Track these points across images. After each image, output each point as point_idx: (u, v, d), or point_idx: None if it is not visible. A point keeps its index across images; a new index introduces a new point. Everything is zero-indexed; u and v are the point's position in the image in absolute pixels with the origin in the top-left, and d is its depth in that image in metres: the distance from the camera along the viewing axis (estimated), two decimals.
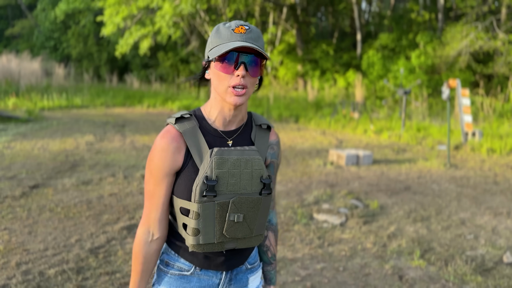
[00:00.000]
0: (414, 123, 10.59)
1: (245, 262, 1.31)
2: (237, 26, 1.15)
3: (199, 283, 1.25)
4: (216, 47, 1.15)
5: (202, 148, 1.18)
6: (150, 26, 18.55)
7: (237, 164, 1.16)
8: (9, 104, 14.16)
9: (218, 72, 1.15)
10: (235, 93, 1.14)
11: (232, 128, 1.24)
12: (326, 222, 4.07)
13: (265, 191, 1.19)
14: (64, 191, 4.81)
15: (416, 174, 6.11)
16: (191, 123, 1.20)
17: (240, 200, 1.16)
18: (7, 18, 39.88)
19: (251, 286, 1.33)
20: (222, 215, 1.15)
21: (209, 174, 1.14)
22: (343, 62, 19.70)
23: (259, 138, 1.27)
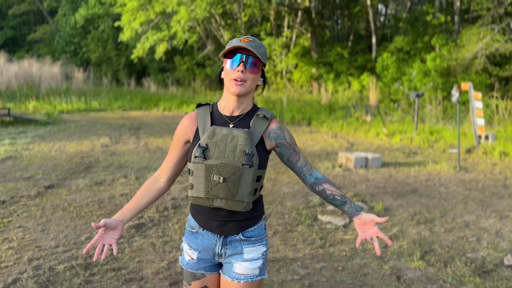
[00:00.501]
0: (427, 126, 10.53)
1: (238, 233, 1.58)
2: (243, 38, 1.51)
3: (202, 240, 1.60)
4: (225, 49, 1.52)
5: (206, 125, 1.55)
6: (166, 31, 18.87)
7: (224, 138, 1.49)
8: (30, 107, 14.59)
9: (225, 68, 1.53)
10: (235, 83, 1.49)
11: (235, 114, 1.57)
12: (330, 224, 4.13)
13: (246, 162, 1.47)
14: (78, 191, 4.99)
15: (424, 177, 6.11)
16: (205, 109, 1.61)
17: (222, 165, 1.47)
18: (29, 24, 41.03)
19: (246, 256, 1.59)
20: (208, 175, 1.48)
21: (201, 142, 1.50)
22: (358, 65, 19.65)
23: (255, 125, 1.56)
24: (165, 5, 17.68)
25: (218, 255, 1.59)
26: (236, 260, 1.58)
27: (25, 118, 11.20)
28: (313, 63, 20.41)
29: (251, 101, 1.61)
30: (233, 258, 1.59)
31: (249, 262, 1.58)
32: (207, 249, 1.59)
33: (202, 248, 1.59)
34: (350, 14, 25.68)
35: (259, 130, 1.56)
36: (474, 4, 14.96)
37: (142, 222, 3.98)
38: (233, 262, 1.59)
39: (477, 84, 13.47)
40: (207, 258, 1.61)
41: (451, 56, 14.49)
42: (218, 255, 1.59)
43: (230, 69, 1.52)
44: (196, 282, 1.64)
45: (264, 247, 1.64)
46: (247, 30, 23.66)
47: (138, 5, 18.50)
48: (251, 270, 1.59)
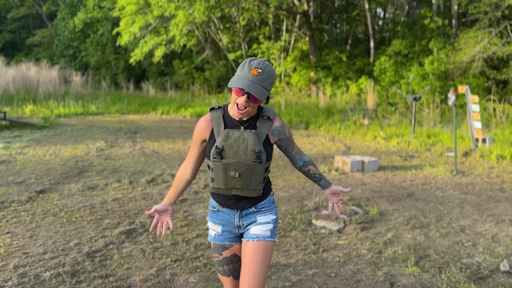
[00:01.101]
0: (424, 130, 10.49)
1: (251, 207, 1.93)
2: (254, 68, 1.72)
3: (223, 215, 1.95)
4: (236, 77, 1.74)
5: (220, 128, 1.83)
6: (164, 35, 18.85)
7: (237, 140, 1.79)
8: (27, 111, 14.54)
9: (233, 92, 1.77)
10: (237, 111, 1.78)
11: (244, 119, 1.86)
12: (324, 228, 4.08)
13: (256, 160, 1.80)
14: (70, 196, 4.93)
15: (421, 181, 6.06)
16: (218, 112, 1.88)
17: (237, 163, 1.80)
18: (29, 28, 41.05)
19: (259, 220, 1.93)
20: (225, 171, 1.82)
21: (218, 144, 1.80)
22: (356, 69, 19.63)
23: (261, 125, 1.86)
24: (163, 9, 17.68)
25: (238, 226, 1.94)
26: (251, 226, 1.93)
27: (21, 122, 11.15)
28: (311, 67, 20.41)
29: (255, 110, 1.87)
30: (250, 226, 1.93)
31: (261, 225, 1.92)
32: (228, 222, 1.94)
33: (224, 222, 1.94)
34: (349, 18, 25.70)
35: (264, 130, 1.86)
36: (471, 7, 14.96)
37: (133, 227, 3.93)
38: (249, 228, 1.93)
39: (474, 87, 13.44)
40: (230, 230, 1.95)
41: (448, 60, 14.47)
42: (237, 226, 1.94)
43: (236, 94, 1.74)
44: (226, 251, 1.94)
45: (274, 215, 1.99)
46: (245, 34, 23.67)
47: (137, 9, 18.50)
48: (263, 231, 1.91)
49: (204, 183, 5.63)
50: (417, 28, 18.79)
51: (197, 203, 4.76)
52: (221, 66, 24.95)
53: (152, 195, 5.01)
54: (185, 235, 3.78)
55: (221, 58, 25.45)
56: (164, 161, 7.14)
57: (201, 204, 4.72)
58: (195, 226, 4.03)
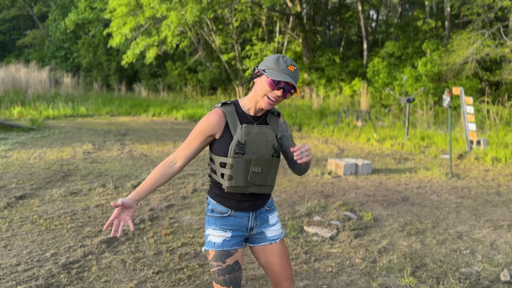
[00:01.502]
0: (418, 132, 10.37)
1: (264, 205, 1.92)
2: (290, 65, 1.75)
3: (235, 220, 1.85)
4: (275, 71, 1.72)
5: (235, 123, 1.78)
6: (156, 36, 18.63)
7: (258, 134, 1.77)
8: (15, 113, 14.24)
9: (265, 84, 1.74)
10: (268, 102, 1.75)
11: (258, 115, 1.84)
12: (316, 235, 3.90)
13: (275, 154, 1.81)
14: (51, 201, 4.72)
15: (415, 184, 5.91)
16: (231, 107, 1.82)
17: (259, 158, 1.77)
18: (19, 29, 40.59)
19: (271, 221, 1.94)
20: (247, 167, 1.76)
21: (240, 139, 1.75)
22: (349, 70, 19.54)
23: (272, 121, 1.88)
24: (155, 10, 17.46)
25: (250, 229, 1.89)
26: (265, 228, 1.92)
27: (7, 124, 10.87)
28: (304, 68, 20.28)
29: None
30: (262, 227, 1.91)
31: (274, 225, 1.95)
32: (240, 226, 1.86)
33: (235, 227, 1.85)
34: (342, 20, 25.64)
35: (275, 126, 1.88)
36: (464, 9, 14.91)
37: (115, 236, 3.72)
38: (264, 231, 1.91)
39: (468, 89, 13.37)
40: (240, 234, 1.87)
41: (442, 61, 14.40)
42: (249, 229, 1.89)
43: (271, 88, 1.73)
44: (229, 258, 1.83)
45: (277, 211, 2.03)
46: (238, 35, 23.51)
47: (128, 10, 18.26)
48: (278, 231, 1.97)
49: (192, 188, 5.43)
50: (410, 29, 18.74)
51: (184, 209, 4.56)
52: (214, 68, 24.76)
53: None
54: (170, 244, 3.58)
55: (214, 60, 25.26)
56: (152, 164, 6.93)
57: (189, 210, 4.53)
58: (180, 234, 3.84)
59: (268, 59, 1.77)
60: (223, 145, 1.77)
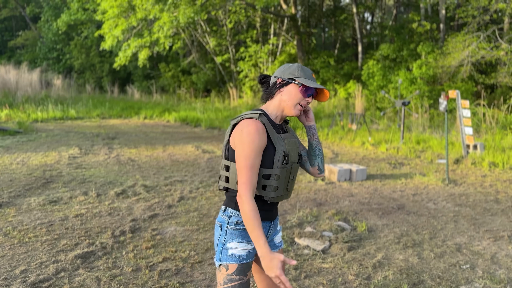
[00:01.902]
0: (414, 135, 10.19)
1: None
2: (312, 73, 1.81)
3: None
4: (304, 79, 1.75)
5: (273, 133, 1.72)
6: (148, 37, 18.37)
7: (292, 143, 1.78)
8: (2, 115, 13.92)
9: (298, 93, 1.76)
10: (300, 109, 1.77)
11: (280, 123, 1.83)
12: (307, 248, 3.67)
13: (299, 161, 1.85)
14: (28, 211, 4.46)
15: (411, 191, 5.71)
16: (266, 118, 1.75)
17: (295, 166, 1.81)
18: (12, 30, 40.13)
19: (278, 227, 1.94)
20: (287, 176, 1.77)
21: (285, 149, 1.73)
22: (344, 73, 19.38)
23: (287, 127, 1.89)
24: (147, 11, 17.21)
25: (267, 237, 1.85)
26: (275, 235, 1.91)
27: None
28: None
29: None
30: (273, 235, 1.90)
31: (280, 231, 1.95)
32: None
33: None
34: (336, 22, 25.51)
35: (292, 131, 1.90)
36: (459, 11, 14.79)
37: (91, 250, 3.48)
38: (274, 237, 1.91)
39: (463, 92, 13.23)
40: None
41: (437, 64, 14.26)
42: (267, 237, 1.85)
43: (304, 96, 1.76)
44: (250, 271, 1.79)
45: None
46: (232, 37, 23.30)
47: (119, 12, 17.99)
48: (281, 236, 1.98)
49: (179, 195, 5.19)
50: (405, 32, 18.62)
51: (168, 219, 4.32)
52: (208, 70, 24.51)
53: (120, 210, 4.56)
54: (150, 259, 3.34)
55: (208, 61, 25.02)
56: (139, 170, 6.68)
57: (173, 221, 4.29)
58: (162, 247, 3.60)
59: (288, 69, 1.79)
60: (268, 156, 1.72)
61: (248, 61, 21.70)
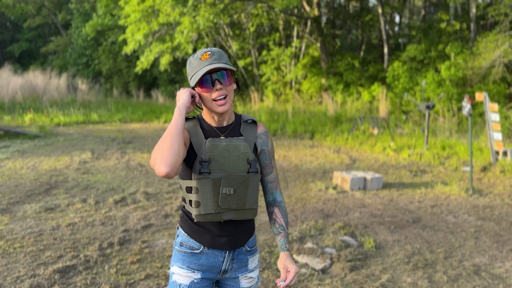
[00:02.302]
0: (439, 141, 9.64)
1: (245, 244, 1.57)
2: (202, 54, 1.48)
3: (207, 260, 1.53)
4: (193, 76, 1.49)
5: (200, 139, 1.50)
6: (169, 42, 18.41)
7: (226, 148, 1.48)
8: (26, 119, 14.19)
9: (201, 92, 1.50)
10: (219, 103, 1.48)
11: (224, 125, 1.56)
12: (306, 267, 3.36)
13: (251, 170, 1.50)
14: (22, 219, 4.33)
15: (430, 202, 5.27)
16: (193, 122, 1.55)
17: (229, 176, 1.47)
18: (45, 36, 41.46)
19: (250, 266, 1.60)
20: (216, 189, 1.46)
21: (203, 156, 1.47)
22: (369, 75, 18.81)
23: (246, 130, 1.58)
24: (168, 16, 17.24)
25: (223, 271, 1.56)
26: (241, 273, 1.58)
27: (13, 131, 10.73)
28: (322, 73, 19.68)
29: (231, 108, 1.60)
30: (238, 272, 1.58)
31: (252, 272, 1.61)
32: (212, 267, 1.54)
33: (206, 267, 1.54)
34: (362, 23, 24.91)
35: (251, 137, 1.58)
36: (490, 10, 14.04)
37: (73, 263, 3.28)
38: (239, 276, 1.58)
39: (494, 95, 12.50)
40: (210, 277, 1.55)
41: (466, 65, 13.56)
42: (223, 272, 1.56)
43: (207, 92, 1.48)
44: None
45: (258, 253, 1.68)
46: (255, 41, 23.11)
47: (141, 16, 18.12)
48: (254, 278, 1.63)
49: (178, 205, 4.96)
50: (433, 32, 17.90)
51: (162, 230, 4.09)
52: None
53: (114, 219, 4.37)
54: (132, 276, 3.11)
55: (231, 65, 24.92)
56: (146, 176, 6.52)
57: (166, 232, 4.05)
58: (147, 263, 3.36)
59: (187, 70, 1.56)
60: (187, 164, 1.49)
61: (271, 64, 21.45)
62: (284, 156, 8.54)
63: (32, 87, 20.41)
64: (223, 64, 1.46)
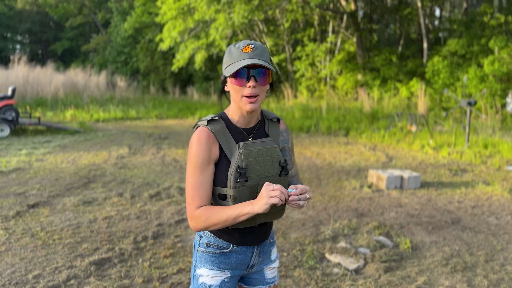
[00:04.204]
0: (481, 139, 9.23)
1: (268, 237, 1.58)
2: (244, 46, 1.41)
3: (236, 257, 1.51)
4: (230, 66, 1.41)
5: (230, 143, 1.43)
6: (204, 39, 18.59)
7: (260, 153, 1.43)
8: (68, 115, 14.75)
9: (233, 85, 1.42)
10: (249, 101, 1.41)
11: (251, 125, 1.50)
12: (338, 266, 3.29)
13: (283, 172, 1.46)
14: (61, 212, 4.49)
15: (471, 203, 5.05)
16: (220, 124, 1.46)
17: (265, 181, 1.41)
18: (86, 35, 42.94)
19: (272, 257, 1.61)
20: (253, 196, 1.41)
21: (240, 163, 1.39)
22: (407, 71, 18.26)
23: (272, 130, 1.54)
24: (203, 13, 17.40)
25: (251, 266, 1.56)
26: (266, 265, 1.59)
27: (54, 126, 11.16)
28: (358, 69, 19.29)
29: (260, 108, 1.54)
30: (263, 264, 1.59)
31: (274, 262, 1.62)
32: (241, 264, 1.54)
33: (235, 265, 1.53)
34: (401, 17, 24.20)
35: (276, 135, 1.55)
36: None
37: (108, 256, 3.36)
38: (264, 268, 1.59)
39: None
40: (238, 274, 1.55)
41: (511, 60, 12.90)
42: (250, 266, 1.56)
43: (239, 85, 1.41)
44: None
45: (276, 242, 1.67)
46: (289, 36, 22.96)
47: (177, 13, 18.38)
48: (276, 269, 1.64)
49: None
50: (475, 26, 17.14)
51: None
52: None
53: (149, 213, 4.45)
54: (164, 270, 3.15)
55: None
56: (180, 171, 6.61)
57: None
58: (180, 257, 3.40)
59: (224, 58, 1.46)
60: (220, 172, 1.43)
61: (305, 60, 21.24)
62: (318, 153, 8.43)
63: (73, 84, 21.19)
64: (264, 62, 1.40)
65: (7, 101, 10.36)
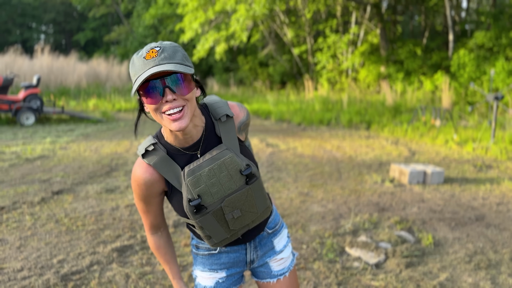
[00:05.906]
0: (507, 134, 8.97)
1: (264, 229, 1.44)
2: (147, 52, 1.12)
3: (228, 257, 1.42)
4: (135, 82, 1.12)
5: (176, 171, 1.24)
6: (224, 31, 18.56)
7: (212, 173, 1.20)
8: (90, 105, 14.99)
9: (148, 105, 1.15)
10: (172, 119, 1.13)
11: (194, 140, 1.25)
12: (358, 260, 3.26)
13: (250, 180, 1.25)
14: (84, 199, 4.58)
15: (496, 199, 4.92)
16: (158, 153, 1.25)
17: (229, 200, 1.23)
18: (108, 25, 43.42)
19: (277, 247, 1.47)
20: (221, 218, 1.25)
21: (190, 196, 1.21)
22: (432, 63, 17.86)
23: (224, 131, 1.29)
24: (224, 3, 17.36)
25: (250, 262, 1.47)
26: (270, 258, 1.48)
27: (77, 115, 11.37)
28: (381, 61, 18.96)
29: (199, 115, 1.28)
30: (266, 257, 1.47)
31: (282, 252, 1.49)
32: (237, 262, 1.45)
33: (230, 264, 1.44)
34: (426, 8, 23.63)
35: (232, 134, 1.31)
36: None
37: (130, 243, 3.41)
38: (268, 261, 1.48)
39: None
40: (236, 271, 1.46)
41: None
42: (250, 262, 1.47)
43: (155, 103, 1.13)
44: None
45: (285, 228, 1.55)
46: (311, 28, 22.70)
47: (198, 5, 18.38)
48: (287, 258, 1.51)
49: None
50: (504, 18, 16.59)
51: None
52: (284, 62, 24.22)
53: None
54: (184, 258, 3.19)
55: (285, 53, 24.72)
56: None
57: None
58: None
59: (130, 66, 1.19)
60: (176, 204, 1.29)
61: (326, 52, 20.99)
62: (338, 147, 8.35)
63: (95, 74, 21.50)
64: (176, 66, 1.09)
65: (32, 90, 10.59)
